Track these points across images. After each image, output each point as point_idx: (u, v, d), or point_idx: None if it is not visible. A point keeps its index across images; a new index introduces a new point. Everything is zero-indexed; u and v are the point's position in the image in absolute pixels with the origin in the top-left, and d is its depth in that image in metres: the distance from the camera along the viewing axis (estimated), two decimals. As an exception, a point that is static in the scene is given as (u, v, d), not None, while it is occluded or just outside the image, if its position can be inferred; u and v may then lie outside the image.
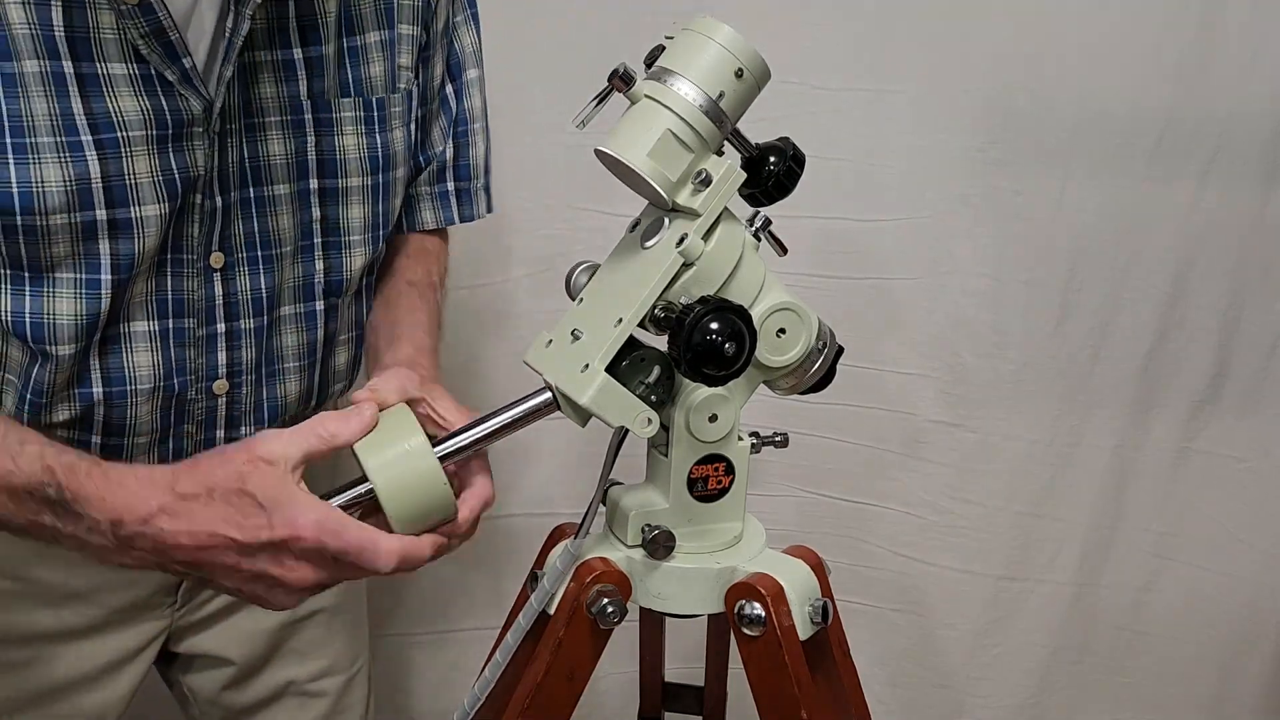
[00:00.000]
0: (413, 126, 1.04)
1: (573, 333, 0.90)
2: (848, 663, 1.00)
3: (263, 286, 0.98)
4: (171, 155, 0.89)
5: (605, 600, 0.91)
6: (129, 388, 0.94)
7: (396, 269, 1.15)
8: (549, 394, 0.90)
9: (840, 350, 0.97)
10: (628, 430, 0.88)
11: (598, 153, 0.89)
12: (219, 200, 0.93)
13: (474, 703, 0.96)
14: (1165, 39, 1.44)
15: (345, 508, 0.87)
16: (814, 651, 0.95)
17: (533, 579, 1.00)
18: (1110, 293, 1.53)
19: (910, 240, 1.51)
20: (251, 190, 0.96)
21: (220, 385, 0.99)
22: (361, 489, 0.86)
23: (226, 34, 0.88)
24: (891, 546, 1.62)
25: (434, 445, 0.86)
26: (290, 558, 0.80)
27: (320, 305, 1.03)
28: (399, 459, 0.84)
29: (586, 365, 0.86)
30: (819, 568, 0.98)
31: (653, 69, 0.89)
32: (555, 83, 1.42)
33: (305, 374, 1.05)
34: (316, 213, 1.00)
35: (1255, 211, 1.50)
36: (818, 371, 0.95)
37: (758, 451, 0.99)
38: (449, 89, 1.12)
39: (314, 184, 0.99)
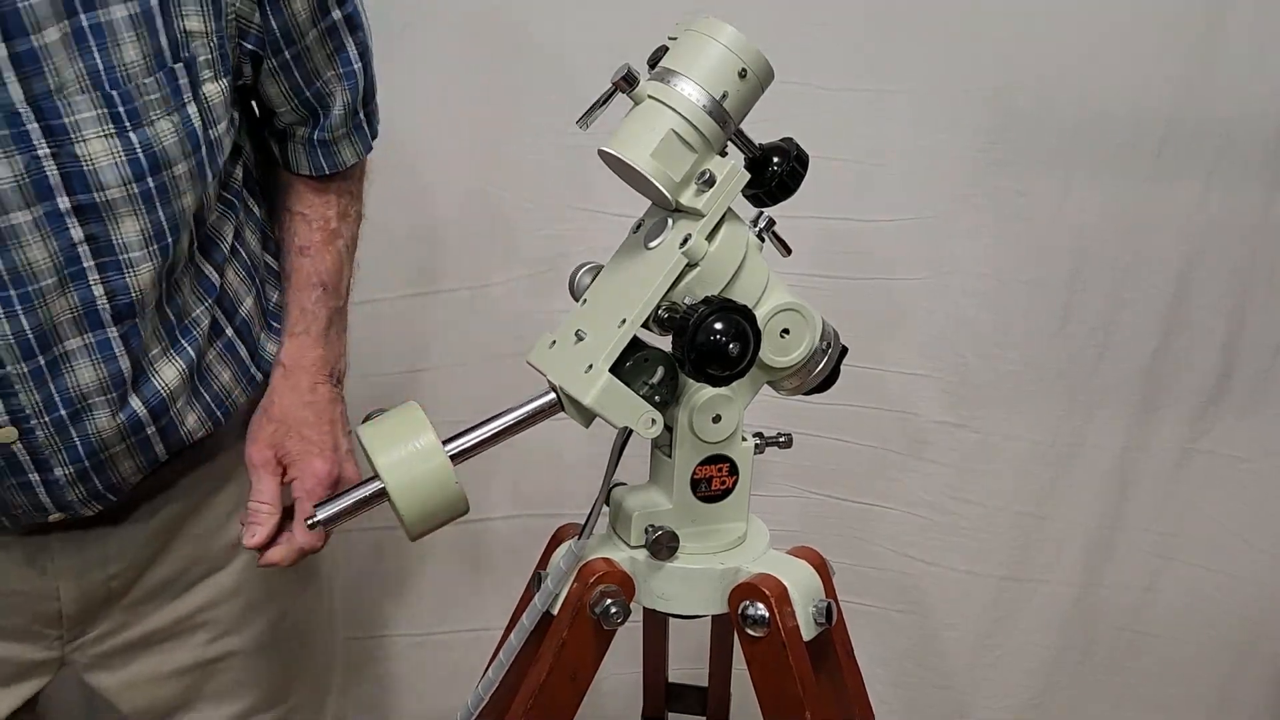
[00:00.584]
0: (206, 102, 0.88)
1: (576, 333, 0.90)
2: (851, 663, 1.00)
3: (25, 328, 0.84)
4: None
5: (609, 601, 0.91)
6: None
7: (290, 227, 1.05)
8: (553, 395, 0.90)
9: (844, 351, 0.97)
10: (631, 431, 0.88)
11: (601, 153, 0.89)
12: None
13: (477, 703, 0.96)
14: (1169, 39, 1.44)
15: (355, 506, 0.87)
16: (817, 652, 0.95)
17: (536, 579, 1.00)
18: (1113, 293, 1.53)
19: (913, 240, 1.51)
20: None
21: (7, 433, 0.87)
22: (372, 488, 0.86)
23: None
24: (894, 547, 1.62)
25: (444, 444, 0.86)
26: None
27: (114, 332, 0.89)
28: (409, 458, 0.85)
29: (590, 366, 0.86)
30: (822, 568, 0.98)
31: (656, 69, 0.89)
32: (558, 83, 1.42)
33: (114, 407, 0.91)
34: (77, 234, 0.84)
35: (1259, 212, 1.50)
36: (822, 372, 0.95)
37: (761, 452, 0.99)
38: (334, 16, 0.97)
39: (64, 203, 0.83)
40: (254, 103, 1.04)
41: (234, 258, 1.01)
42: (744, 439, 0.96)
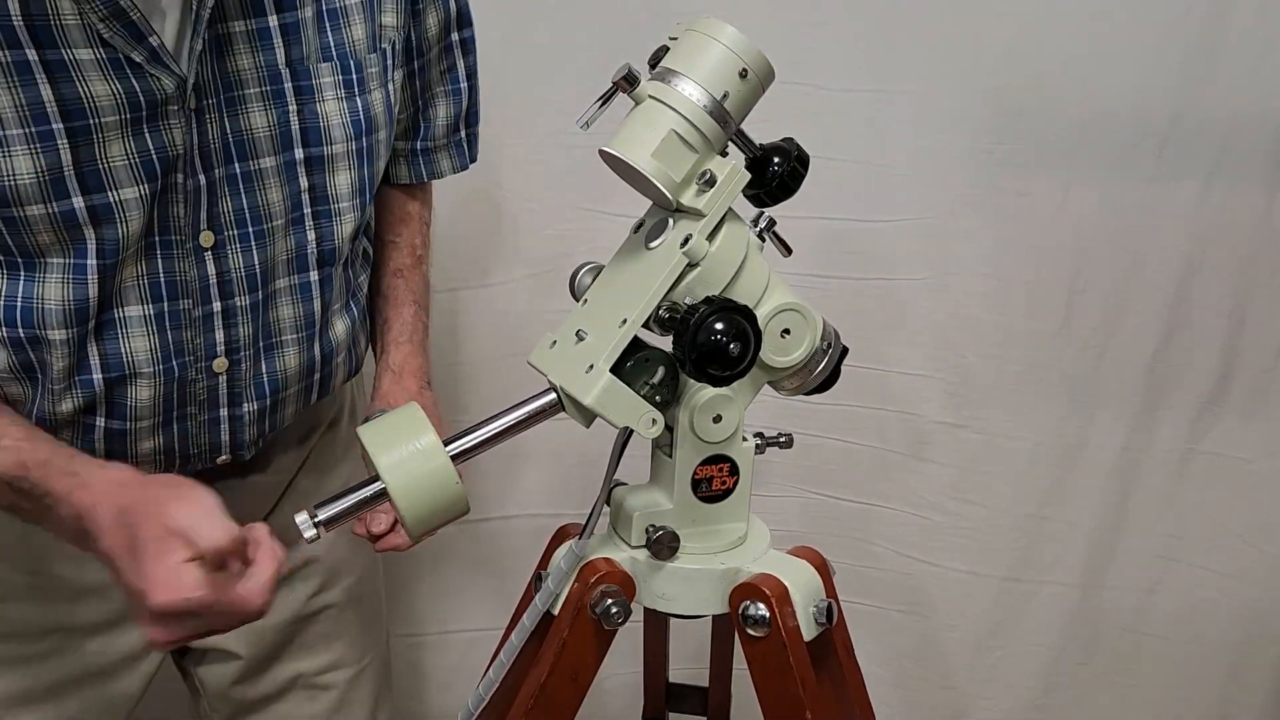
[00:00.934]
0: (392, 86, 1.02)
1: (577, 333, 0.90)
2: (852, 663, 1.00)
3: (256, 262, 0.97)
4: (147, 136, 0.87)
5: (609, 601, 0.91)
6: (128, 372, 0.94)
7: (384, 254, 1.17)
8: (553, 395, 0.90)
9: (845, 351, 0.97)
10: (632, 431, 0.88)
11: (602, 153, 0.89)
12: (202, 178, 0.92)
13: (478, 703, 0.96)
14: (1171, 39, 1.43)
15: (356, 506, 0.87)
16: (818, 652, 0.95)
17: (537, 579, 1.00)
18: (1115, 293, 1.52)
19: (914, 241, 1.51)
20: (237, 166, 0.94)
21: (220, 363, 0.98)
22: (373, 488, 0.86)
23: (194, 7, 0.87)
24: (896, 547, 1.62)
25: (444, 444, 0.86)
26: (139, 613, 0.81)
27: (315, 275, 1.02)
28: (411, 458, 0.85)
29: (591, 366, 0.86)
30: (823, 569, 0.98)
31: (657, 69, 0.89)
32: (559, 83, 1.42)
33: (304, 346, 1.04)
34: (304, 183, 0.98)
35: (1261, 212, 1.50)
36: (822, 372, 0.95)
37: (762, 452, 0.99)
38: (453, 38, 1.11)
39: (299, 154, 0.97)
40: None
41: (365, 268, 1.13)
42: (745, 439, 0.96)
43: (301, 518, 0.86)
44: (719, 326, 0.83)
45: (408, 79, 1.08)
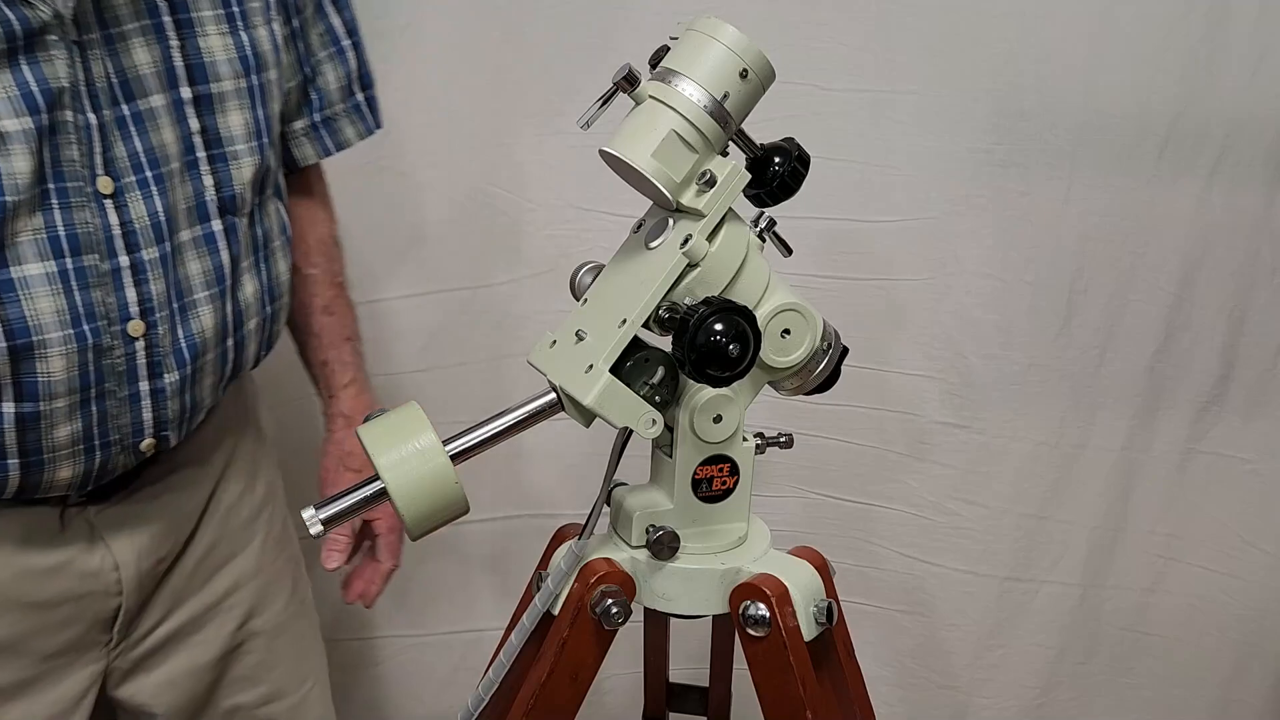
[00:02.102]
0: (275, 27, 1.00)
1: (577, 333, 0.90)
2: (852, 664, 1.00)
3: (158, 209, 0.92)
4: (26, 68, 0.83)
5: (609, 601, 0.91)
6: (34, 339, 0.86)
7: (307, 289, 1.15)
8: (553, 395, 0.90)
9: (845, 351, 0.97)
10: (632, 431, 0.88)
11: (602, 153, 0.89)
12: (93, 117, 0.88)
13: (478, 703, 0.96)
14: (1172, 40, 1.43)
15: (357, 505, 0.87)
16: (819, 652, 0.95)
17: (537, 579, 1.00)
18: (1116, 294, 1.52)
19: (915, 241, 1.51)
20: (126, 107, 0.90)
21: (135, 326, 0.92)
22: (373, 488, 0.86)
23: None
24: (896, 547, 1.62)
25: (444, 444, 0.86)
26: None
27: (217, 225, 0.97)
28: (410, 457, 0.85)
29: (591, 366, 0.86)
30: (824, 569, 0.98)
31: (657, 69, 0.89)
32: (559, 83, 1.42)
33: (217, 305, 0.98)
34: (195, 124, 0.94)
35: (1261, 212, 1.50)
36: (822, 372, 0.95)
37: (762, 452, 0.99)
38: None
39: (186, 92, 0.93)
40: None
41: (284, 245, 1.07)
42: (745, 439, 0.96)
43: (308, 513, 0.86)
44: (719, 327, 0.83)
45: (289, 41, 1.05)
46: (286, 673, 1.18)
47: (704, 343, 0.83)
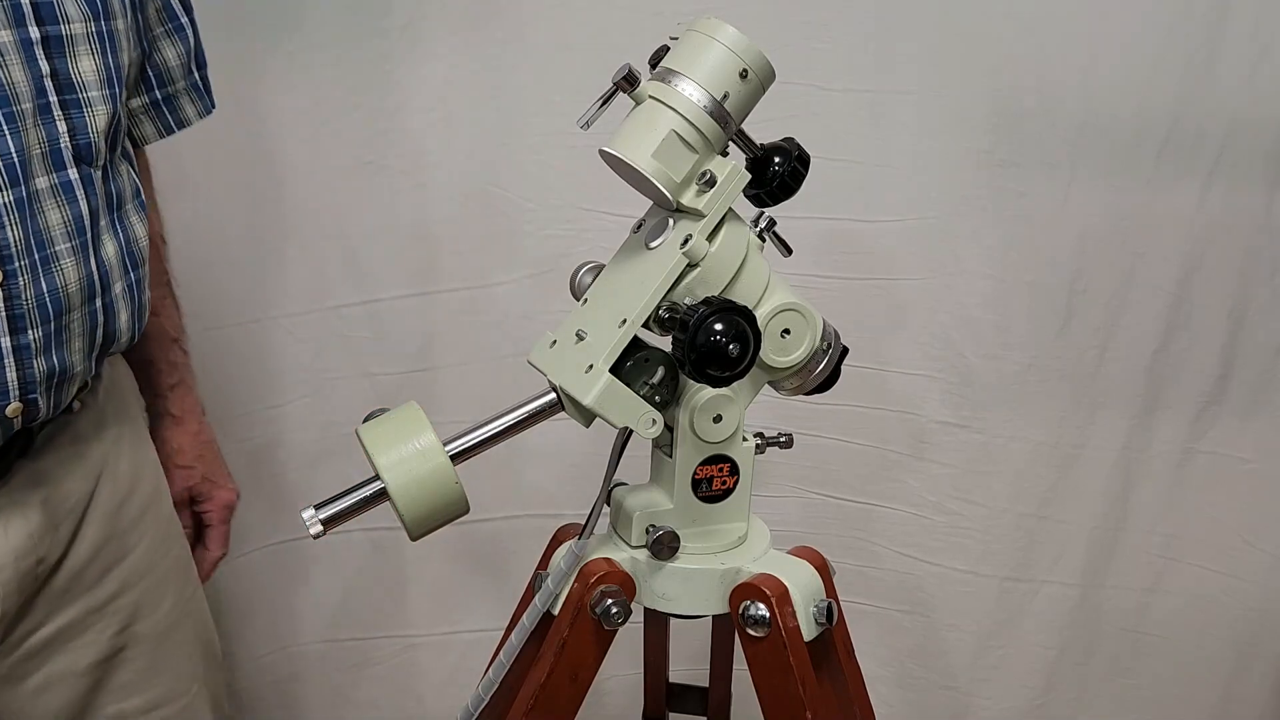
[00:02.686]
0: None
1: (577, 333, 0.90)
2: (852, 664, 1.00)
3: (11, 150, 0.87)
4: None
5: (609, 601, 0.91)
6: None
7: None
8: (553, 395, 0.90)
9: (845, 351, 0.97)
10: (632, 431, 0.88)
11: (602, 153, 0.89)
12: None
13: (478, 703, 0.96)
14: (1171, 40, 1.43)
15: (357, 505, 0.87)
16: (819, 652, 0.95)
17: (537, 579, 1.00)
18: (1115, 294, 1.52)
19: (915, 241, 1.51)
20: None
21: None
22: (373, 488, 0.86)
23: None
24: (896, 547, 1.62)
25: (444, 444, 0.86)
26: None
27: (74, 174, 0.93)
28: (410, 458, 0.85)
29: (591, 366, 0.86)
30: (823, 569, 0.98)
31: (657, 70, 0.89)
32: (559, 83, 1.42)
33: (80, 258, 0.94)
34: (45, 66, 0.90)
35: (1261, 212, 1.50)
36: (822, 372, 0.95)
37: (762, 452, 0.99)
38: None
39: (35, 32, 0.89)
40: None
41: (138, 209, 1.03)
42: (745, 439, 0.96)
43: (308, 513, 0.86)
44: (718, 327, 0.83)
45: (130, 6, 1.01)
46: (171, 678, 1.13)
47: (704, 343, 0.83)
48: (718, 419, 0.92)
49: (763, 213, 0.95)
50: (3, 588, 0.96)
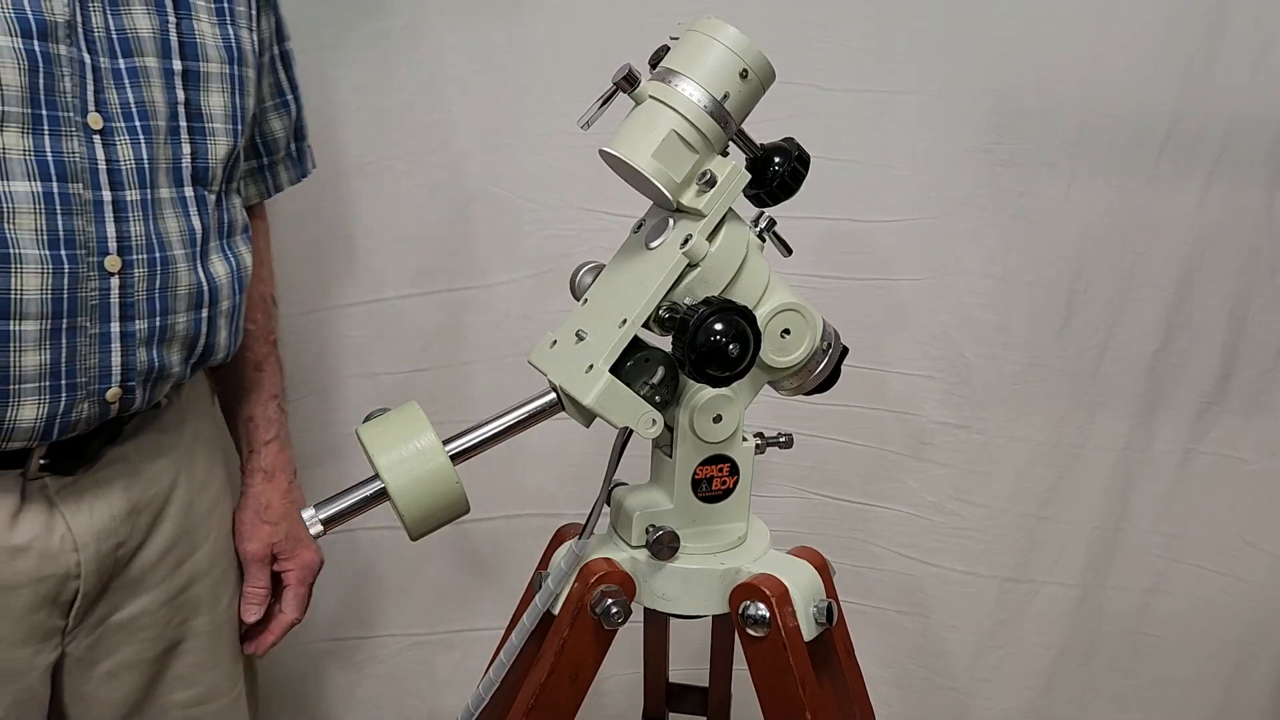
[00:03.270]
0: (255, 37, 1.08)
1: (577, 333, 0.90)
2: (852, 664, 1.00)
3: (144, 156, 0.97)
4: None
5: (609, 601, 0.91)
6: (10, 251, 0.90)
7: (243, 341, 1.16)
8: (553, 395, 0.90)
9: (845, 351, 0.97)
10: (632, 431, 0.88)
11: (602, 153, 0.89)
12: (87, 58, 0.94)
13: (478, 703, 0.96)
14: (1171, 40, 1.43)
15: (357, 505, 0.87)
16: (818, 652, 0.95)
17: (537, 579, 1.00)
18: (1116, 293, 1.52)
19: (915, 241, 1.51)
20: (123, 61, 0.97)
21: (112, 262, 0.95)
22: (373, 488, 0.86)
23: None
24: (896, 548, 1.62)
25: (444, 444, 0.86)
26: None
27: (190, 192, 1.02)
28: (410, 458, 0.85)
29: (591, 366, 0.86)
30: (823, 569, 0.98)
31: (657, 70, 0.89)
32: (559, 83, 1.42)
33: (191, 265, 1.02)
34: (180, 95, 1.01)
35: (1261, 212, 1.50)
36: (822, 372, 0.95)
37: (762, 452, 0.99)
38: (277, 49, 1.17)
39: (177, 65, 1.00)
40: None
41: (245, 240, 1.11)
42: (745, 439, 0.96)
43: (308, 513, 0.87)
44: (718, 327, 0.83)
45: (259, 76, 1.12)
46: (220, 675, 1.17)
47: (704, 343, 0.83)
48: (718, 419, 0.92)
49: (763, 213, 0.95)
50: (85, 566, 1.01)
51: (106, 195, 0.95)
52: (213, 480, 1.16)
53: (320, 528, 0.87)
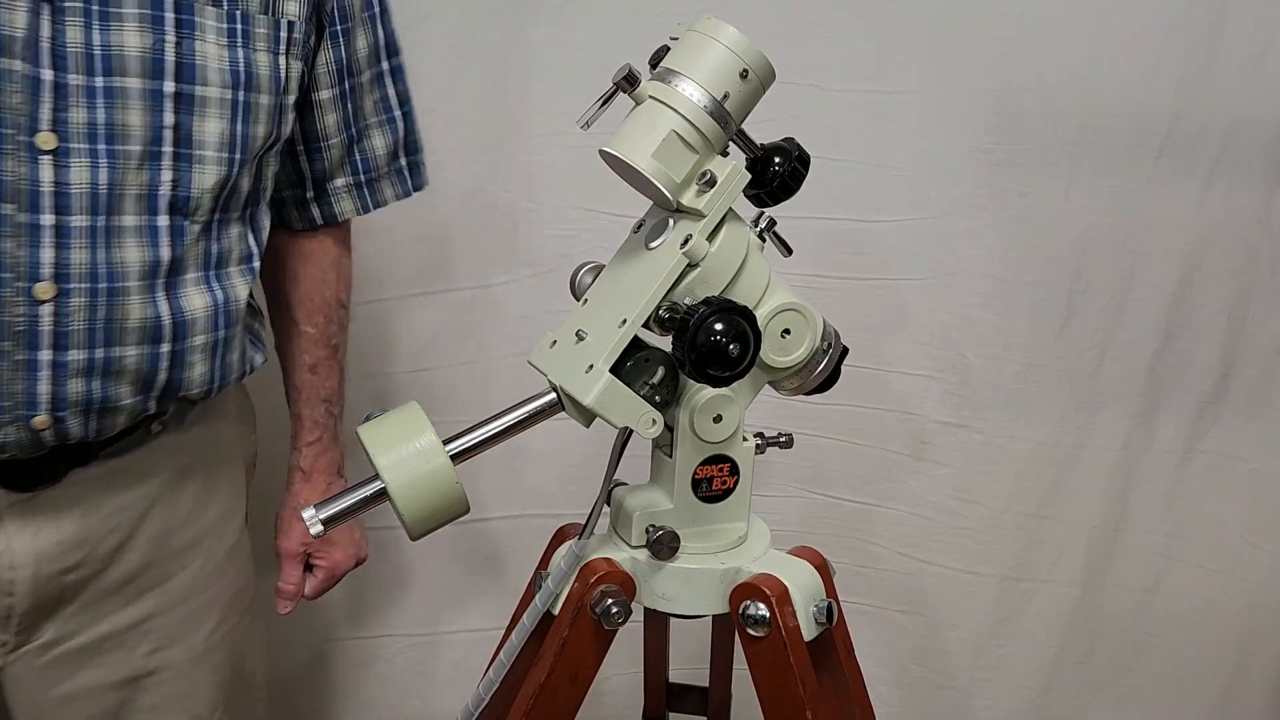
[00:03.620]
0: (285, 61, 1.01)
1: (577, 333, 0.90)
2: (852, 663, 1.00)
3: (102, 182, 0.91)
4: None
5: (610, 601, 0.91)
6: None
7: (298, 343, 1.19)
8: (553, 395, 0.90)
9: (845, 351, 0.97)
10: (632, 431, 0.88)
11: (602, 153, 0.89)
12: (49, 74, 0.88)
13: (478, 703, 0.96)
14: (1171, 40, 1.44)
15: (357, 505, 0.87)
16: (819, 652, 0.95)
17: (537, 579, 1.00)
18: (1116, 293, 1.52)
19: (915, 241, 1.51)
20: (100, 79, 0.91)
21: (44, 289, 0.90)
22: (373, 487, 0.86)
23: None
24: (896, 547, 1.62)
25: (444, 444, 0.86)
26: None
27: (164, 221, 0.95)
28: (410, 457, 0.85)
29: (591, 366, 0.86)
30: (823, 568, 0.98)
31: (657, 70, 0.89)
32: (559, 83, 1.42)
33: (148, 299, 0.95)
34: (170, 118, 0.94)
35: (1261, 211, 1.50)
36: (823, 372, 0.95)
37: (762, 452, 0.99)
38: (384, 66, 1.15)
39: (169, 86, 0.93)
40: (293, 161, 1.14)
41: (245, 272, 1.06)
42: (745, 439, 0.96)
43: (309, 513, 0.86)
44: (718, 327, 0.83)
45: (337, 101, 1.11)
46: (198, 704, 1.13)
47: (704, 343, 0.83)
48: (718, 419, 0.92)
49: (763, 213, 0.95)
50: (21, 586, 0.98)
51: (48, 219, 0.89)
52: (207, 509, 1.12)
53: (320, 527, 0.87)
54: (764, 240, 0.93)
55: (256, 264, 1.06)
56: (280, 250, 1.18)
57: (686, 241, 0.87)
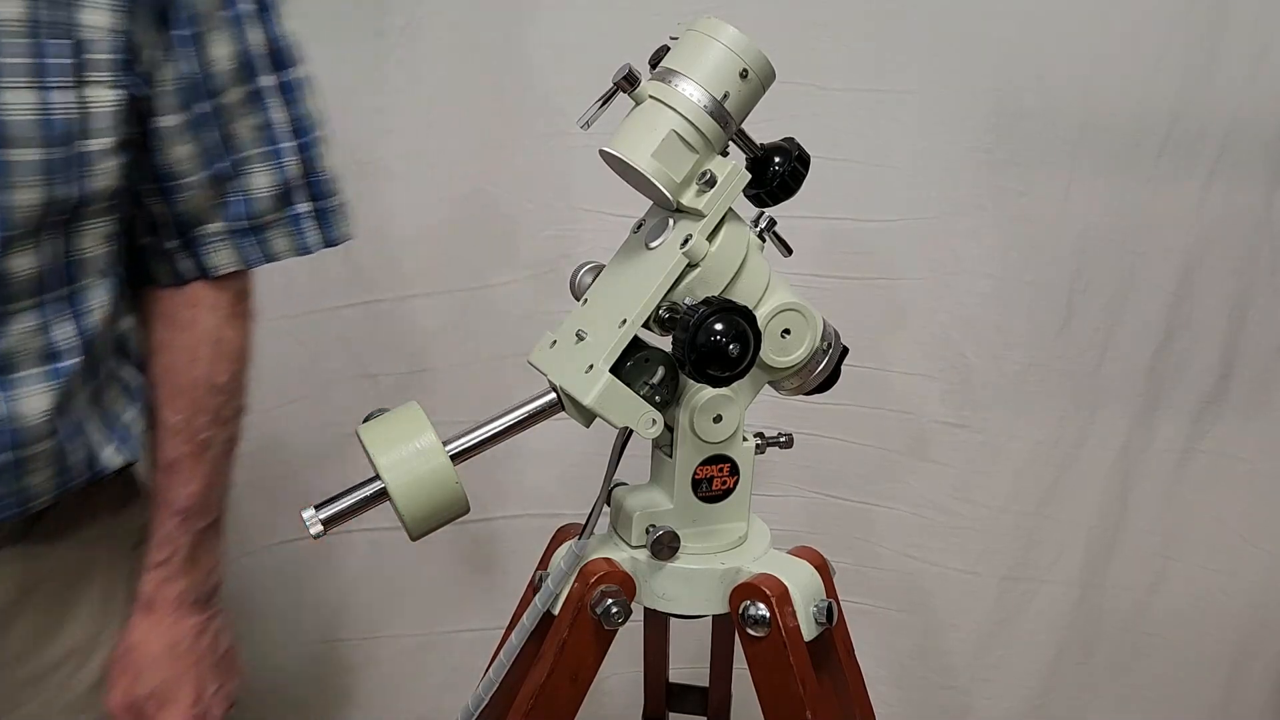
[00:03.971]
0: (87, 96, 0.78)
1: (577, 333, 0.90)
2: (852, 663, 1.00)
3: None
4: None
5: (609, 601, 0.91)
6: None
7: (158, 434, 0.93)
8: (553, 395, 0.90)
9: (845, 351, 0.97)
10: (632, 431, 0.88)
11: (602, 153, 0.89)
12: None
13: (478, 703, 0.96)
14: (1171, 39, 1.44)
15: (357, 506, 0.87)
16: (819, 652, 0.95)
17: (537, 580, 1.00)
18: (1116, 293, 1.52)
19: (915, 241, 1.51)
20: None
21: None
22: (373, 488, 0.86)
23: None
24: (896, 547, 1.62)
25: (444, 444, 0.86)
26: None
27: None
28: (410, 458, 0.85)
29: (591, 366, 0.86)
30: (823, 568, 0.98)
31: (657, 69, 0.89)
32: (559, 83, 1.42)
33: None
34: None
35: (1261, 211, 1.50)
36: (823, 372, 0.95)
37: (762, 452, 0.99)
38: (263, 83, 0.89)
39: None
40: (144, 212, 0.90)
41: (71, 377, 0.85)
42: (745, 439, 0.96)
43: (309, 513, 0.86)
44: (719, 327, 0.83)
45: (187, 129, 0.86)
46: None
47: (704, 343, 0.83)
48: (718, 419, 0.92)
49: (763, 213, 0.95)
50: None
51: None
52: (61, 635, 0.93)
53: (320, 528, 0.87)
54: (764, 240, 0.93)
55: (73, 361, 0.84)
56: (147, 311, 0.94)
57: (686, 241, 0.87)
